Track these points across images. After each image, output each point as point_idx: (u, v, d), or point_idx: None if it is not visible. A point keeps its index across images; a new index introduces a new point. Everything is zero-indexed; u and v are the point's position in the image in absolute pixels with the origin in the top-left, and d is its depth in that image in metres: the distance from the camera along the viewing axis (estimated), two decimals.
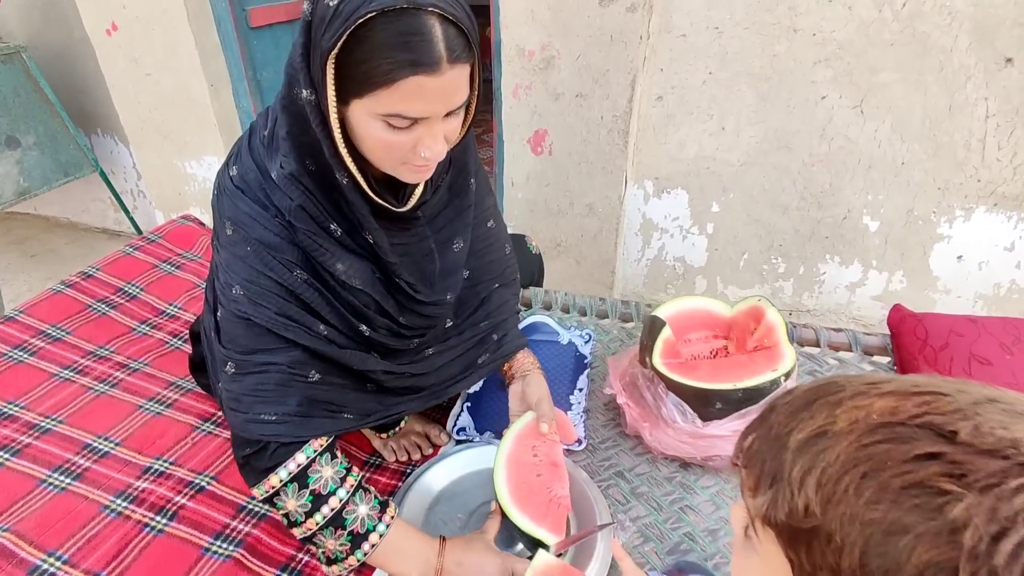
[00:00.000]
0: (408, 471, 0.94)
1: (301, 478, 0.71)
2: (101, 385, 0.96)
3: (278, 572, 0.76)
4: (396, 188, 0.75)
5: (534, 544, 0.76)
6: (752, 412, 0.86)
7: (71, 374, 0.97)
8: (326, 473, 0.72)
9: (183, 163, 2.21)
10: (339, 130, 0.64)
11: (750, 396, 0.84)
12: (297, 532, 0.72)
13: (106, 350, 1.04)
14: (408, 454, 0.97)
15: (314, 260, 0.72)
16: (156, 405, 0.95)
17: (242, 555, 0.75)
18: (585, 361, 1.12)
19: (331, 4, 0.59)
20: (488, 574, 0.73)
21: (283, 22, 2.13)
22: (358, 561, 0.72)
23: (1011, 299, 1.81)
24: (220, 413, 0.95)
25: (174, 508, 0.79)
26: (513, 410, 0.89)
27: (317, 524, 0.70)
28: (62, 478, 0.80)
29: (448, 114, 0.64)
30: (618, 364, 1.00)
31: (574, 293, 1.30)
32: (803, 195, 1.81)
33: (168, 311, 1.18)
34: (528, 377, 0.90)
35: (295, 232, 0.70)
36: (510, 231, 1.03)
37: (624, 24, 1.56)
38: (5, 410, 0.89)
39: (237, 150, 0.76)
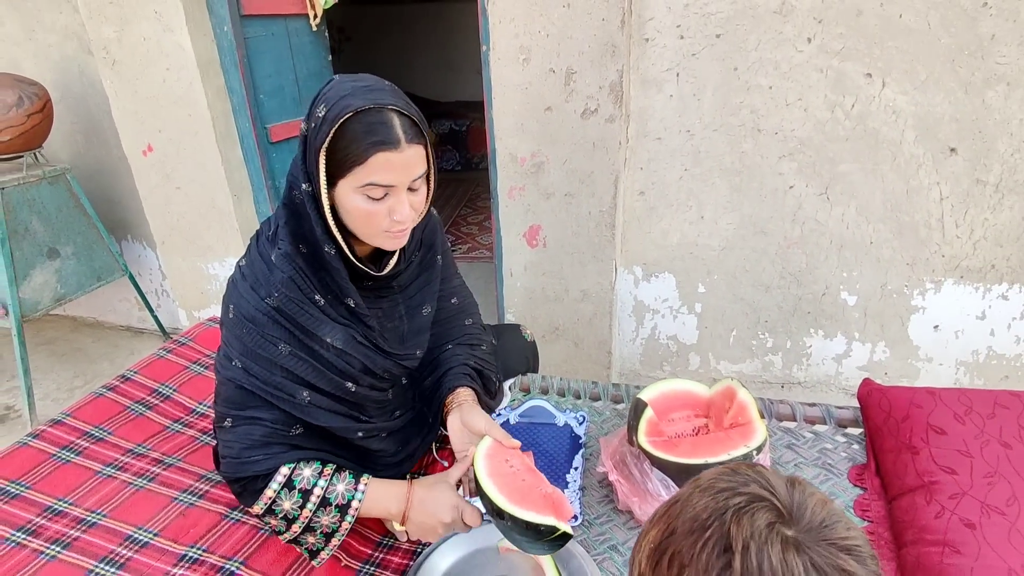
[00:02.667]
0: (419, 550, 1.01)
1: (289, 484, 0.90)
2: (140, 480, 1.06)
3: None
4: (375, 262, 0.95)
5: (547, 536, 0.82)
6: None
7: (113, 471, 1.08)
8: (306, 473, 0.91)
9: (206, 265, 2.38)
10: (329, 210, 0.85)
11: None
12: (296, 526, 0.90)
13: (143, 448, 1.15)
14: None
15: (301, 330, 0.89)
16: (189, 496, 1.04)
17: None
18: (580, 441, 1.21)
19: (320, 115, 0.81)
20: (443, 504, 0.91)
21: (298, 136, 2.37)
22: (349, 524, 0.92)
23: (990, 365, 1.90)
24: None
25: None
26: (457, 446, 0.98)
27: (310, 511, 0.90)
28: (108, 568, 0.89)
29: (411, 188, 0.85)
30: (609, 444, 1.10)
31: (569, 378, 1.40)
32: (782, 274, 1.95)
33: (198, 410, 1.29)
34: (464, 406, 1.00)
35: (280, 313, 0.88)
36: (510, 319, 1.18)
37: (604, 132, 1.75)
38: (56, 507, 0.99)
39: (248, 250, 0.96)
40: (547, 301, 2.02)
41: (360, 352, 0.94)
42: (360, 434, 0.98)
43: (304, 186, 0.84)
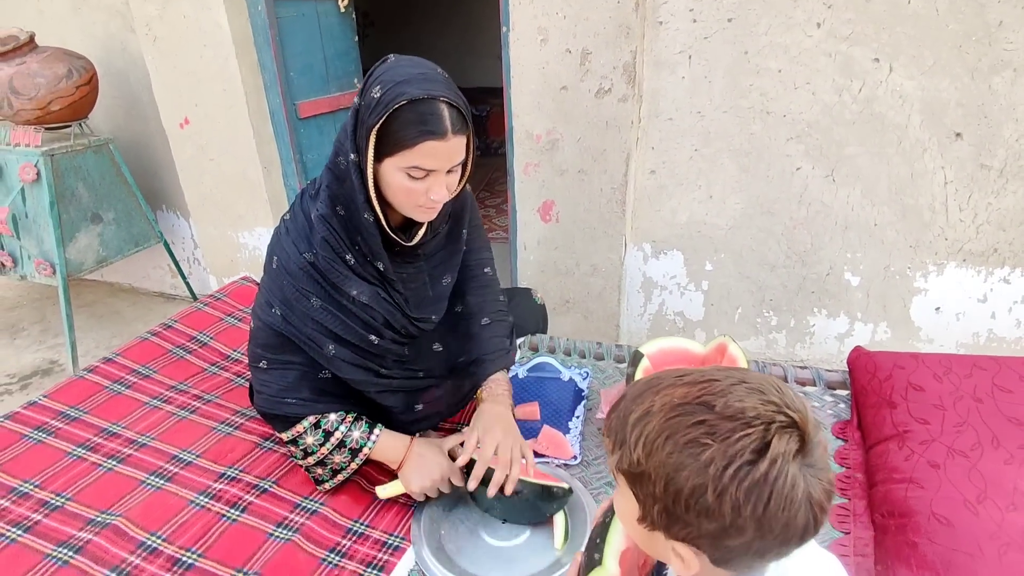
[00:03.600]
0: (389, 541, 1.02)
1: (316, 423, 1.01)
2: (183, 411, 1.18)
3: (327, 553, 0.93)
4: (404, 230, 1.04)
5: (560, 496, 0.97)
6: None
7: (159, 403, 1.19)
8: (331, 417, 1.03)
9: (236, 234, 2.51)
10: (372, 181, 0.92)
11: None
12: (312, 458, 1.01)
13: (184, 385, 1.27)
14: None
15: (331, 286, 0.98)
16: (226, 427, 1.16)
17: (298, 540, 0.94)
18: (582, 394, 1.30)
19: (375, 96, 0.88)
20: (434, 463, 1.02)
21: (326, 113, 2.47)
22: (357, 465, 1.04)
23: (991, 347, 1.95)
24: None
25: (244, 504, 0.98)
26: (471, 429, 1.05)
27: (328, 450, 1.01)
28: (158, 480, 1.00)
29: (450, 170, 0.92)
30: (609, 394, 1.19)
31: (575, 339, 1.49)
32: (788, 254, 2.01)
33: (232, 356, 1.40)
34: (482, 407, 1.09)
35: (314, 268, 0.97)
36: (521, 286, 1.26)
37: (617, 112, 1.83)
38: (110, 429, 1.11)
39: (292, 206, 1.06)
40: (558, 274, 2.11)
41: (383, 308, 1.02)
42: (374, 389, 1.06)
43: (352, 156, 0.91)
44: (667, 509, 0.52)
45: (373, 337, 1.03)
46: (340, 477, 1.04)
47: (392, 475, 1.05)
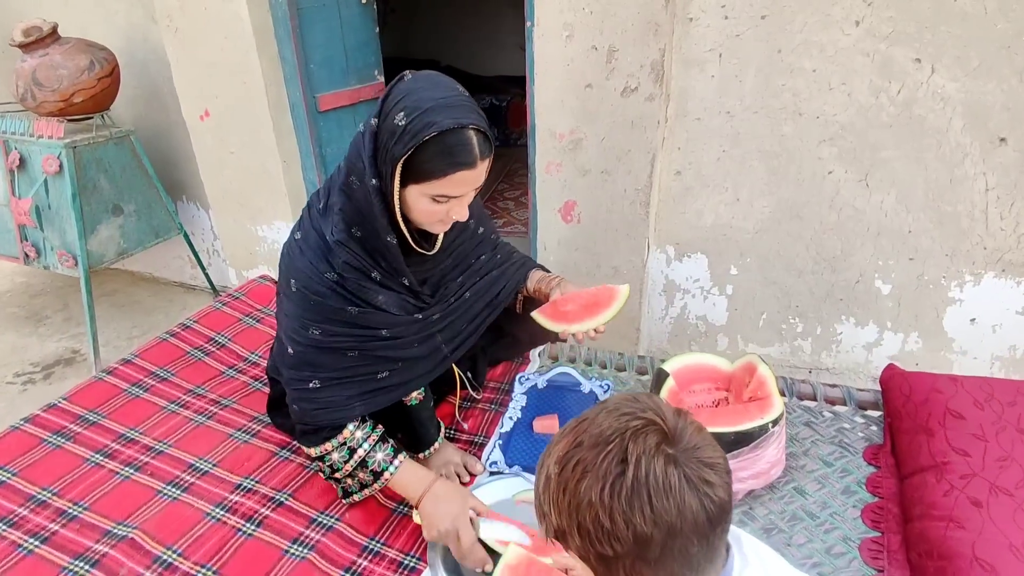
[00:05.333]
0: (405, 562, 1.04)
1: (343, 441, 1.00)
2: (200, 417, 1.17)
3: (342, 573, 0.92)
4: (423, 239, 1.03)
5: None
6: (743, 453, 0.99)
7: (176, 407, 1.19)
8: (357, 434, 1.01)
9: (255, 227, 2.50)
10: (398, 207, 0.91)
11: (740, 439, 0.98)
12: (339, 474, 1.01)
13: (202, 389, 1.26)
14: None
15: (361, 300, 0.98)
16: (243, 435, 1.15)
17: (314, 558, 0.92)
18: None
19: (399, 124, 0.84)
20: (447, 513, 0.96)
21: (345, 106, 2.44)
22: (380, 486, 1.03)
23: None
24: (294, 442, 1.13)
25: (260, 518, 0.97)
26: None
27: (352, 466, 1.00)
28: (174, 490, 1.00)
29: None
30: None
31: (596, 348, 1.46)
32: (816, 260, 1.95)
33: (250, 358, 1.39)
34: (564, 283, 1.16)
35: (342, 287, 0.96)
36: None
37: (643, 111, 1.77)
38: (128, 435, 1.10)
39: (300, 221, 1.04)
40: (579, 275, 2.07)
41: (406, 312, 1.04)
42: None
43: (373, 181, 0.89)
44: (593, 553, 0.55)
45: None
46: (366, 491, 1.06)
47: None
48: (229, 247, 2.63)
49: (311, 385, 0.99)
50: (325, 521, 1.00)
